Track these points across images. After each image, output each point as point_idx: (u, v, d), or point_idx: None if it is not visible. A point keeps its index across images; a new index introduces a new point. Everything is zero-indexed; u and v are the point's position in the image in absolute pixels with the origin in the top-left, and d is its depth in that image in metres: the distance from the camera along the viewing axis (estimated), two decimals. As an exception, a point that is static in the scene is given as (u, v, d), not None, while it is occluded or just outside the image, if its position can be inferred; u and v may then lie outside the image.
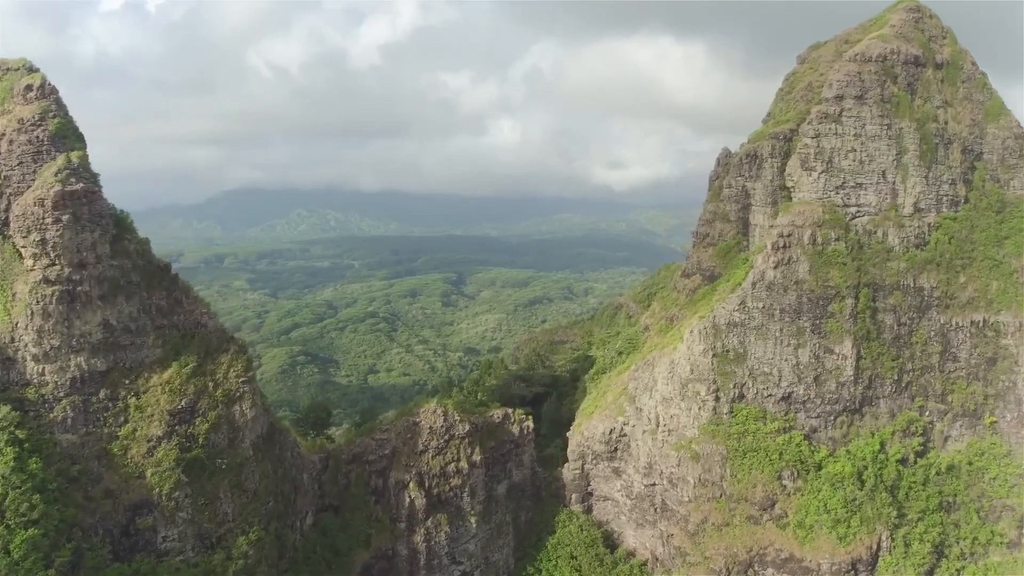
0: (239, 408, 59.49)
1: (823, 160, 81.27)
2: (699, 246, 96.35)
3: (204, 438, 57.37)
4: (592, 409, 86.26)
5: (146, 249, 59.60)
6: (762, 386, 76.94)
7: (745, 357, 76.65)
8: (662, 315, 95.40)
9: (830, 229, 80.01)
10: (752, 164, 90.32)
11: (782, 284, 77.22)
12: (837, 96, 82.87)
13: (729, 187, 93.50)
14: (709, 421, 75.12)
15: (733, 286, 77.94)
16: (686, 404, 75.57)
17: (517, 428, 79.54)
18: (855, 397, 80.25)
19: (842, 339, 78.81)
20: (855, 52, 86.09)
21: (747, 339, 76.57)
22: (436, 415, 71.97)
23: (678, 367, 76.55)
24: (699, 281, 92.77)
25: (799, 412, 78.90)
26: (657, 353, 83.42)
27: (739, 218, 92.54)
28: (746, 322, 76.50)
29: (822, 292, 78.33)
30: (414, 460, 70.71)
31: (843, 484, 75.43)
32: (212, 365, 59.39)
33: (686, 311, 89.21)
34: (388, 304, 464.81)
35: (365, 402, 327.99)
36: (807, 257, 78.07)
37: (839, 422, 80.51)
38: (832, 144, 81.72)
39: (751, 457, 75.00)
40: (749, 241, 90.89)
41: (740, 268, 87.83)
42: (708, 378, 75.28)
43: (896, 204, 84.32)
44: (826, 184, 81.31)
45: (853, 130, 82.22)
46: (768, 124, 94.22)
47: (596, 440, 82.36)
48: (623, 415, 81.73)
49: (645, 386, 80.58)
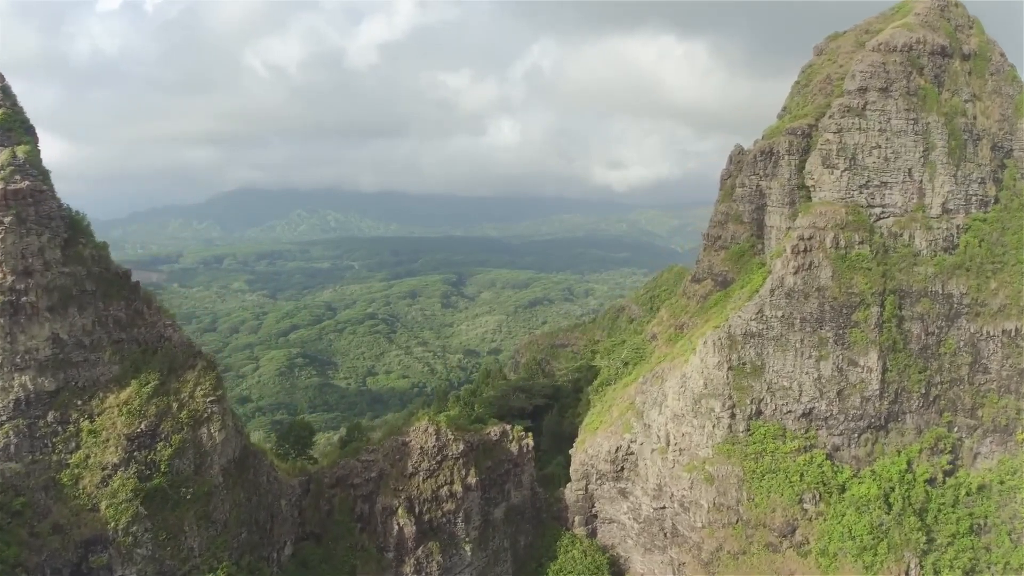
0: (207, 431, 53.61)
1: (846, 157, 75.42)
2: (710, 249, 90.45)
3: (167, 465, 51.48)
4: (596, 424, 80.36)
5: (103, 255, 53.70)
6: (781, 401, 71.09)
7: (763, 370, 70.80)
8: (671, 323, 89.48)
9: (854, 231, 74.19)
10: (767, 162, 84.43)
11: (803, 291, 71.36)
12: (860, 88, 77.02)
13: (742, 186, 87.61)
14: (724, 440, 69.25)
15: (750, 293, 72.08)
16: (699, 421, 69.67)
17: (516, 446, 73.68)
18: (880, 413, 74.48)
19: (867, 350, 72.98)
20: (879, 41, 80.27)
21: (765, 351, 70.72)
22: (428, 434, 66.11)
23: (690, 381, 70.65)
24: (710, 287, 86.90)
25: (820, 429, 73.08)
26: (666, 365, 77.55)
27: (753, 219, 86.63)
28: (764, 332, 70.63)
29: (846, 300, 72.49)
30: (403, 483, 64.85)
31: (869, 508, 69.71)
32: (176, 383, 53.51)
33: (697, 319, 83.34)
34: (387, 305, 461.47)
35: (364, 405, 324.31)
36: (830, 262, 72.23)
37: (863, 439, 74.72)
38: (855, 140, 75.87)
39: (769, 479, 69.18)
40: (764, 244, 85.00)
41: (755, 273, 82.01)
42: (723, 393, 69.40)
43: (923, 204, 78.51)
44: (849, 183, 75.46)
45: (878, 125, 76.39)
46: (784, 119, 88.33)
47: (601, 459, 76.48)
48: (630, 432, 75.86)
49: (654, 401, 74.69)
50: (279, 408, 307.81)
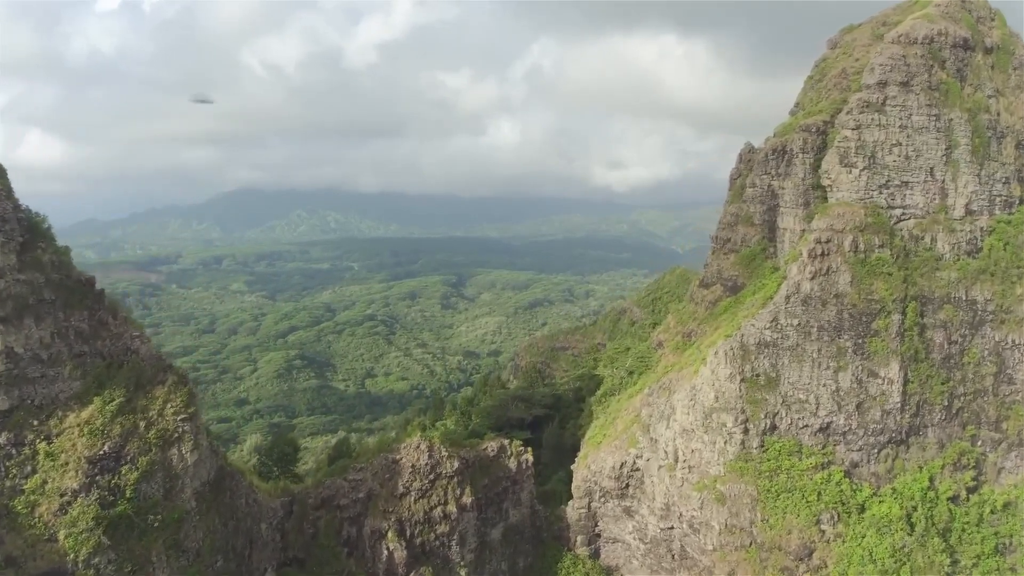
0: (177, 451, 49.29)
1: (865, 155, 71.06)
2: (719, 252, 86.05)
3: (133, 490, 47.18)
4: (600, 438, 75.97)
5: (65, 260, 49.43)
6: (797, 415, 66.70)
7: (778, 382, 66.41)
8: (677, 330, 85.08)
9: (873, 234, 69.82)
10: (780, 160, 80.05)
11: (820, 298, 66.98)
12: (880, 82, 72.68)
13: (753, 186, 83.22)
14: (736, 457, 64.87)
15: (763, 300, 67.69)
16: (709, 437, 65.28)
17: (514, 462, 69.33)
18: (901, 427, 70.11)
19: (888, 360, 68.60)
20: (898, 33, 75.93)
21: (780, 361, 66.34)
22: (420, 451, 61.75)
23: (700, 394, 66.27)
24: (720, 292, 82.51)
25: (838, 445, 68.69)
26: (674, 375, 73.19)
27: (764, 221, 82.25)
28: (779, 342, 66.25)
29: (865, 307, 68.11)
30: (394, 504, 60.50)
31: (890, 529, 65.35)
32: (144, 400, 49.20)
33: (705, 326, 78.98)
34: (387, 307, 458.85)
35: (362, 407, 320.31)
36: (848, 267, 67.86)
37: (883, 455, 70.33)
38: (875, 137, 71.50)
39: (785, 499, 64.80)
40: (776, 247, 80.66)
41: (767, 278, 77.72)
42: (735, 407, 65.03)
43: (945, 205, 74.15)
44: (868, 182, 71.09)
45: (898, 121, 72.02)
46: (797, 115, 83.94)
47: (605, 475, 72.09)
48: (635, 447, 71.47)
49: (661, 414, 70.31)
50: (277, 410, 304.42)
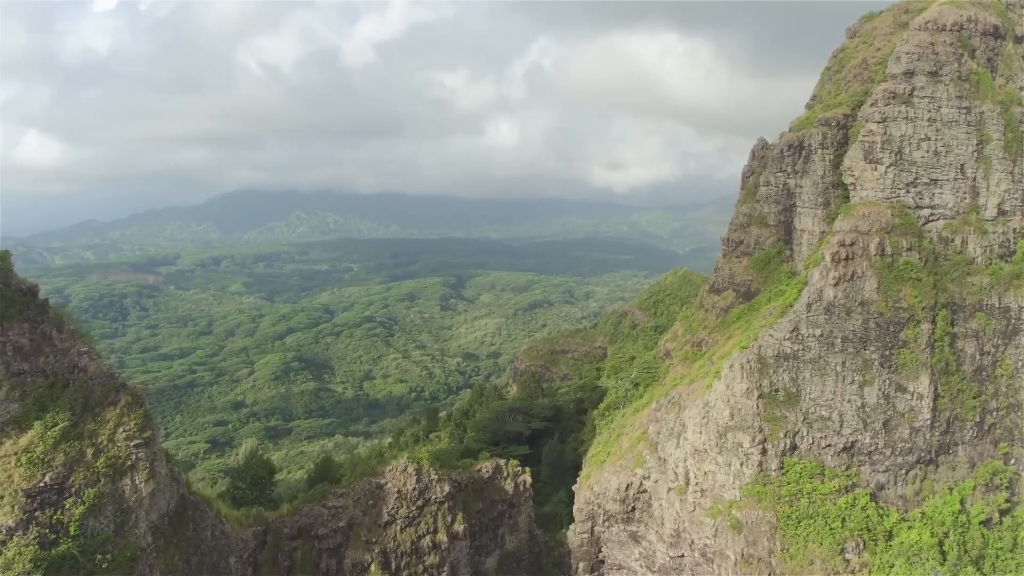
0: (130, 481, 43.78)
1: (891, 150, 65.58)
2: (730, 256, 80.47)
3: (78, 526, 41.63)
4: (604, 456, 70.44)
5: (3, 267, 43.90)
6: (819, 434, 61.18)
7: (798, 398, 60.90)
8: (686, 338, 79.51)
9: (901, 236, 64.35)
10: (797, 156, 74.55)
11: (844, 305, 61.46)
12: (907, 72, 67.23)
13: (767, 185, 77.69)
14: (754, 480, 59.33)
15: (782, 308, 62.15)
16: (724, 458, 59.75)
17: (511, 484, 63.80)
18: (931, 445, 64.66)
19: (917, 374, 63.12)
20: (925, 19, 70.53)
21: (801, 375, 60.82)
22: (406, 475, 56.22)
23: (714, 411, 60.73)
24: (732, 298, 76.98)
25: (863, 465, 63.17)
26: (683, 388, 67.66)
27: (780, 222, 76.73)
28: (800, 354, 60.73)
29: (893, 315, 62.61)
30: (378, 534, 54.97)
31: (921, 558, 59.79)
32: (93, 424, 43.69)
33: (717, 335, 73.46)
34: (385, 308, 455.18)
35: (360, 410, 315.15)
36: (875, 272, 62.36)
37: (911, 476, 64.84)
38: (902, 131, 66.03)
39: (807, 525, 59.25)
40: (793, 250, 75.14)
41: (783, 283, 72.23)
42: (752, 425, 59.49)
43: (976, 205, 68.73)
44: (895, 180, 65.61)
45: (927, 113, 66.58)
46: (815, 108, 78.40)
47: (609, 497, 66.55)
48: (642, 467, 65.92)
49: (670, 431, 64.77)
50: (274, 413, 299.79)
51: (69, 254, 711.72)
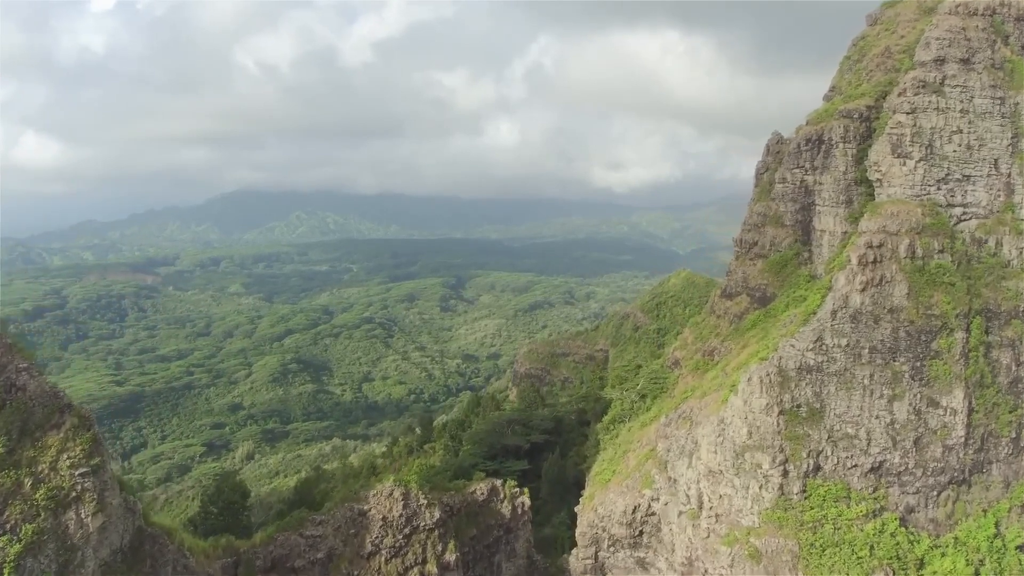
0: (75, 515, 38.68)
1: (921, 144, 60.36)
2: (743, 258, 75.24)
3: (14, 567, 36.57)
4: (608, 475, 65.27)
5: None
6: (845, 453, 55.95)
7: (822, 414, 55.68)
8: (697, 347, 74.32)
9: (932, 237, 59.11)
10: (816, 151, 69.36)
11: (872, 313, 56.22)
12: (937, 59, 62.03)
13: (783, 182, 72.49)
14: (774, 504, 54.12)
15: (804, 315, 56.95)
16: (741, 480, 54.54)
17: (508, 507, 58.63)
18: (964, 464, 59.42)
19: (950, 387, 57.88)
20: (955, 2, 65.30)
21: (825, 389, 55.59)
22: (392, 500, 51.04)
23: (730, 428, 55.53)
24: (746, 304, 71.77)
25: (892, 487, 57.90)
26: (695, 402, 62.48)
27: (797, 222, 71.56)
28: (824, 366, 55.50)
29: (924, 323, 57.37)
30: (360, 566, 49.82)
31: (956, 588, 54.70)
32: (32, 451, 38.59)
33: (731, 343, 68.28)
34: (385, 309, 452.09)
35: (359, 412, 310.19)
36: (905, 276, 57.14)
37: (943, 498, 59.57)
38: (932, 122, 60.82)
39: (832, 554, 53.98)
40: (812, 252, 69.93)
41: (802, 287, 67.09)
42: (773, 444, 54.27)
43: (1011, 203, 63.51)
44: (925, 176, 60.38)
45: (959, 104, 61.36)
46: (834, 100, 73.17)
47: (615, 520, 61.36)
48: (651, 487, 60.74)
49: (681, 449, 59.56)
50: (271, 416, 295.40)
51: (68, 254, 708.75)
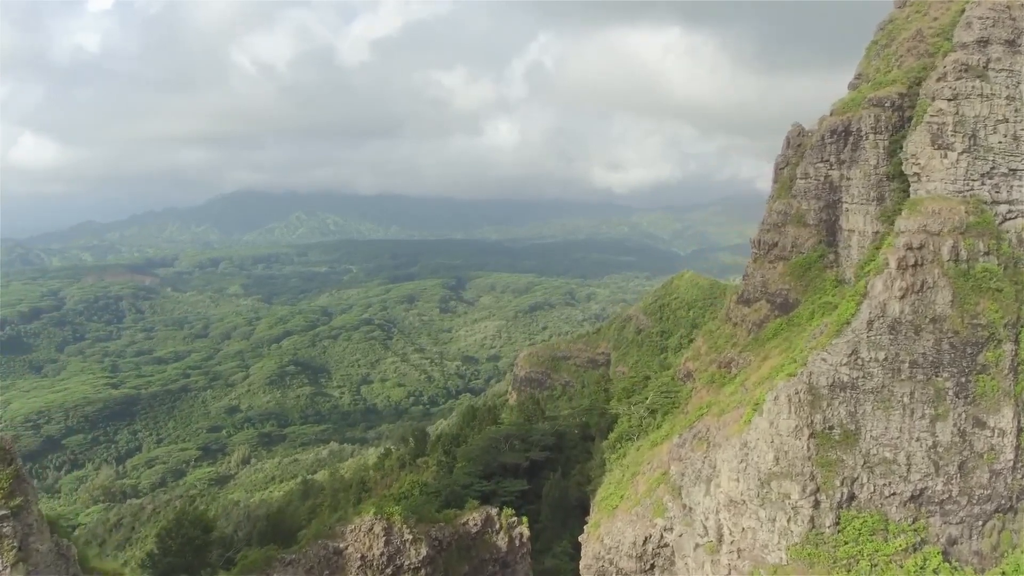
0: (-10, 568, 32.60)
1: (964, 134, 54.32)
2: (762, 260, 69.14)
3: (-90, 633, 30.59)
4: (616, 501, 59.22)
5: None
6: (883, 481, 49.87)
7: (858, 437, 49.61)
8: (711, 357, 68.23)
9: (977, 238, 53.05)
10: (842, 144, 63.29)
11: (912, 323, 50.17)
12: (980, 40, 55.99)
13: (805, 177, 66.43)
14: (804, 539, 48.04)
15: (837, 325, 50.87)
16: (768, 512, 48.49)
17: (505, 538, 52.55)
18: (1012, 491, 53.34)
19: (998, 405, 51.79)
20: (997, -21, 59.23)
21: (861, 409, 49.53)
22: (373, 536, 45.00)
23: (754, 453, 49.47)
24: (766, 311, 65.68)
25: (933, 516, 51.81)
26: (711, 421, 56.41)
27: (821, 221, 65.48)
28: (859, 382, 49.44)
29: (970, 334, 51.31)
30: (336, 612, 43.75)
31: (1007, 632, 48.68)
32: (-64, 491, 32.47)
33: (750, 354, 62.21)
34: (384, 310, 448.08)
35: (357, 415, 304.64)
36: (948, 281, 51.08)
37: (988, 528, 53.51)
38: (976, 110, 54.77)
39: (869, 595, 48.00)
40: (839, 254, 63.86)
41: (828, 293, 61.03)
42: (803, 472, 48.22)
43: (1061, 200, 57.51)
44: (968, 170, 54.34)
45: (1005, 90, 55.33)
46: (861, 88, 67.12)
47: (623, 552, 55.27)
48: (663, 516, 54.68)
49: (697, 474, 53.51)
50: (269, 419, 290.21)
51: (67, 255, 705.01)
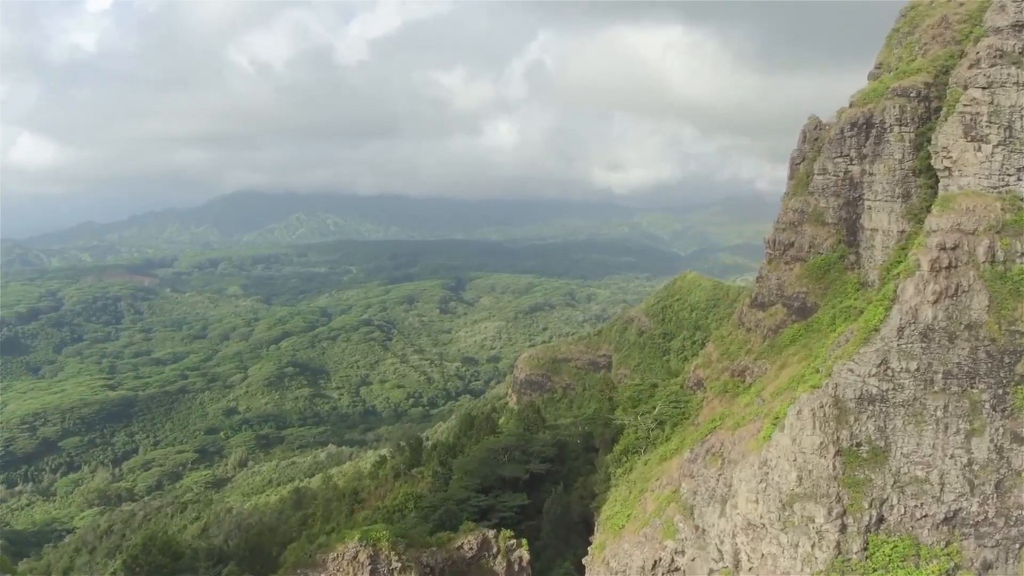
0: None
1: (1000, 125, 50.24)
2: (778, 261, 65.07)
3: None
4: (622, 520, 55.15)
5: None
6: (914, 502, 45.78)
7: (887, 454, 45.54)
8: (723, 365, 64.16)
9: (1015, 238, 48.92)
10: (864, 137, 59.21)
11: (946, 330, 46.10)
12: (1015, 24, 51.92)
13: (824, 173, 62.36)
14: (830, 567, 43.99)
15: (864, 332, 46.81)
16: (790, 537, 44.45)
17: (503, 563, 48.54)
18: (1052, 511, 49.26)
19: (1038, 418, 47.76)
20: (1032, -41, 55.23)
21: (891, 424, 45.47)
22: (357, 564, 40.95)
23: (775, 473, 45.43)
24: (782, 315, 61.61)
25: (967, 539, 47.72)
26: (725, 435, 52.33)
27: (841, 219, 61.38)
28: (890, 395, 45.38)
29: (1008, 342, 47.19)
30: (316, 649, 39.74)
31: (1050, 666, 44.61)
32: None
33: (765, 362, 58.16)
34: (384, 311, 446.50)
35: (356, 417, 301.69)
36: (985, 284, 47.01)
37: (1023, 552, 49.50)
38: (1012, 100, 50.68)
39: (899, 627, 44.00)
40: (861, 255, 59.77)
41: (850, 297, 56.98)
42: (828, 493, 44.17)
43: (1100, 197, 53.48)
44: (1004, 164, 50.26)
45: (1042, 78, 51.32)
46: (883, 78, 63.04)
47: (631, 576, 51.25)
48: (674, 538, 50.62)
49: (711, 493, 49.46)
50: (267, 421, 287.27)
51: (67, 256, 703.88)
